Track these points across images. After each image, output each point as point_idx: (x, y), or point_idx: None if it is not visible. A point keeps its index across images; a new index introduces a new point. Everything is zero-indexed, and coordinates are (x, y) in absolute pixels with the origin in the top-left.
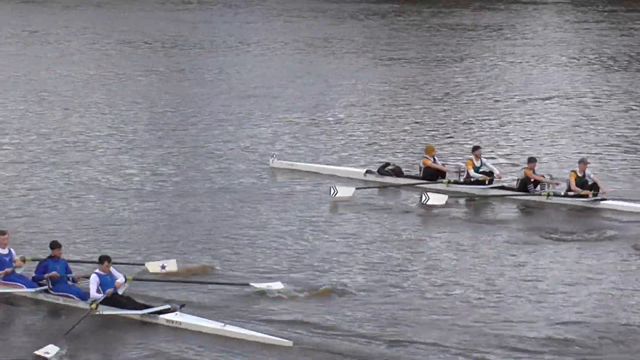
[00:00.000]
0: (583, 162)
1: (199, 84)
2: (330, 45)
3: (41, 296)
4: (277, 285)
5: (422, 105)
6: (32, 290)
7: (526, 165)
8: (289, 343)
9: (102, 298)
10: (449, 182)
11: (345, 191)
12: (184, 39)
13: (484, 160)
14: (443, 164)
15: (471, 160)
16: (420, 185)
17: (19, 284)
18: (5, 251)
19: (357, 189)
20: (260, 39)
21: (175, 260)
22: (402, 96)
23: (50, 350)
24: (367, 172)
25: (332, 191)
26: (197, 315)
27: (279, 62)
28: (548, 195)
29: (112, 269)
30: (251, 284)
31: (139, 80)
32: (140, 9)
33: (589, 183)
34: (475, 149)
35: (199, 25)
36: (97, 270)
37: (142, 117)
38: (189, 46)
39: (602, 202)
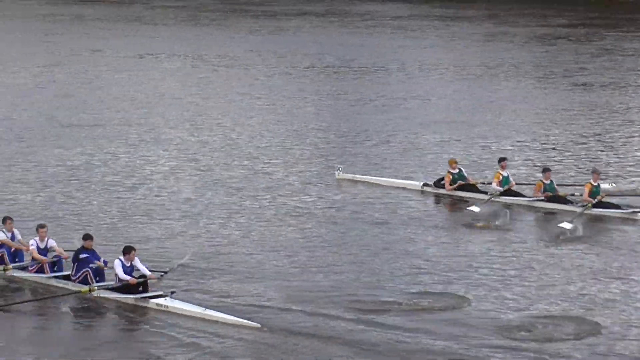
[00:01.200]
0: (596, 172)
1: (372, 109)
2: (502, 71)
3: (62, 283)
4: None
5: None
6: (53, 275)
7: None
8: (256, 325)
9: (118, 284)
10: (493, 195)
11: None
12: (354, 62)
13: (509, 172)
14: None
15: (499, 172)
16: (468, 197)
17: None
18: (43, 244)
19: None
20: (432, 63)
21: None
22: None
23: None
24: (424, 184)
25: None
26: (184, 301)
27: (454, 87)
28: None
29: (136, 259)
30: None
31: (308, 104)
32: (310, 32)
33: (601, 193)
34: (502, 160)
35: (367, 49)
36: (120, 257)
37: (311, 139)
38: (358, 70)
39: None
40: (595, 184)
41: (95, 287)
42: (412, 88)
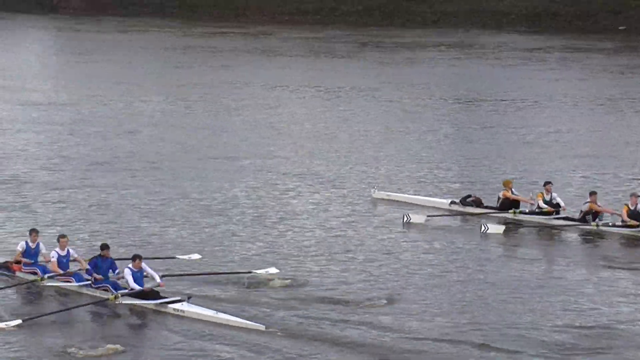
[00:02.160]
0: (634, 196)
1: (503, 140)
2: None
3: (84, 289)
4: (273, 270)
5: None
6: (78, 284)
7: (588, 199)
8: (261, 327)
9: (133, 292)
10: (515, 212)
11: (417, 218)
12: (485, 94)
13: (554, 195)
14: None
15: (542, 193)
16: (492, 215)
17: (71, 278)
18: (64, 252)
19: (428, 216)
20: (567, 95)
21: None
22: None
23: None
24: (451, 202)
25: (405, 218)
26: (200, 305)
27: (589, 119)
28: (597, 225)
29: (143, 265)
30: (252, 271)
31: (445, 134)
32: (442, 63)
33: None
34: (547, 183)
35: (501, 80)
36: (129, 266)
37: (452, 168)
38: (492, 101)
39: None
40: (633, 207)
41: (119, 295)
42: (547, 121)
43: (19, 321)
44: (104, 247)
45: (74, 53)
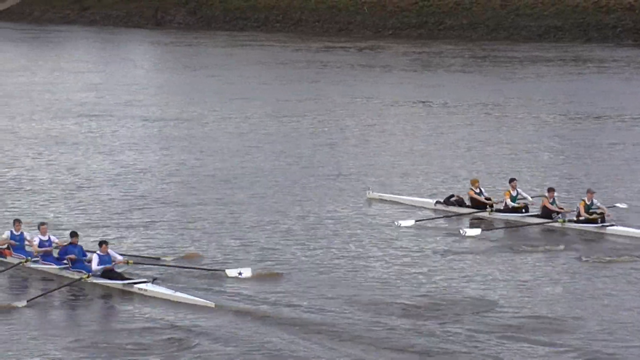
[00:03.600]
0: (590, 192)
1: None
2: None
3: (63, 272)
4: (247, 272)
5: None
6: (58, 267)
7: (545, 195)
8: (211, 304)
9: (100, 270)
10: (491, 210)
11: (406, 222)
12: (595, 108)
13: (519, 190)
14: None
15: (508, 191)
16: (471, 214)
17: (52, 264)
18: (46, 237)
19: (417, 221)
20: None
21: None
22: None
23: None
24: (436, 202)
25: (396, 223)
26: (163, 286)
27: None
28: (563, 221)
29: (110, 250)
30: (226, 270)
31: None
32: (549, 77)
33: (597, 211)
34: (511, 180)
35: (606, 94)
36: (97, 252)
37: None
38: (603, 116)
39: (609, 227)
40: (589, 202)
41: (91, 274)
42: None
43: (24, 302)
44: (73, 234)
45: (181, 68)
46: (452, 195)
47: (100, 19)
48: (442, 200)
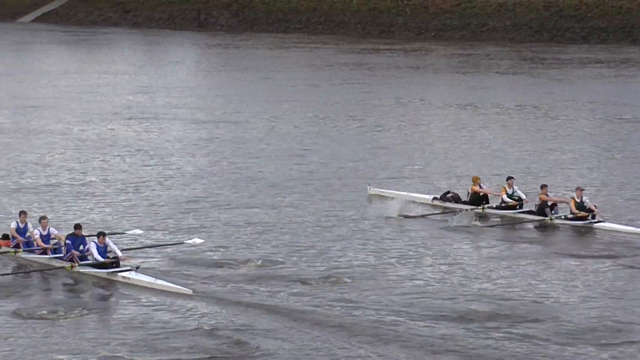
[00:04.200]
0: (579, 189)
1: None
2: None
3: (53, 261)
4: (198, 240)
5: None
6: (50, 256)
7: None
8: (188, 291)
9: (94, 262)
10: (484, 207)
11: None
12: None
13: (515, 188)
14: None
15: (504, 187)
16: (465, 209)
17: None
18: (45, 232)
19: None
20: None
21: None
22: None
23: None
24: (433, 198)
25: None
26: (145, 275)
27: None
28: (551, 219)
29: (107, 241)
30: (184, 241)
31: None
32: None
33: (586, 207)
34: (509, 178)
35: None
36: (95, 241)
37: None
38: None
39: (598, 224)
40: (579, 200)
41: (77, 265)
42: None
43: None
44: (77, 226)
45: (227, 70)
46: (449, 192)
47: (142, 21)
48: (438, 197)
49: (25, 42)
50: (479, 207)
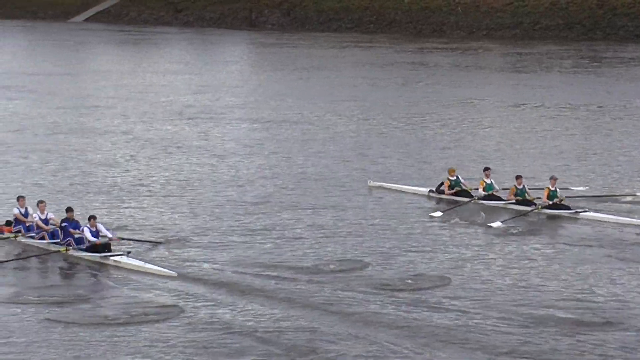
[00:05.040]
0: (553, 179)
1: None
2: None
3: (51, 246)
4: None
5: None
6: (49, 242)
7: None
8: (173, 274)
9: (91, 242)
10: (475, 199)
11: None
12: None
13: (492, 180)
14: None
15: (483, 180)
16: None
17: (48, 238)
18: (44, 215)
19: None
20: None
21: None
22: None
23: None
24: (429, 190)
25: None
26: (135, 259)
27: None
28: (539, 208)
29: (99, 225)
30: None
31: None
32: None
33: (558, 196)
34: (485, 169)
35: None
36: (87, 225)
37: None
38: None
39: (582, 213)
40: (553, 188)
41: (71, 248)
42: None
43: None
44: (69, 209)
45: (282, 69)
46: (442, 184)
47: (194, 20)
48: (434, 189)
49: (80, 42)
50: (472, 199)
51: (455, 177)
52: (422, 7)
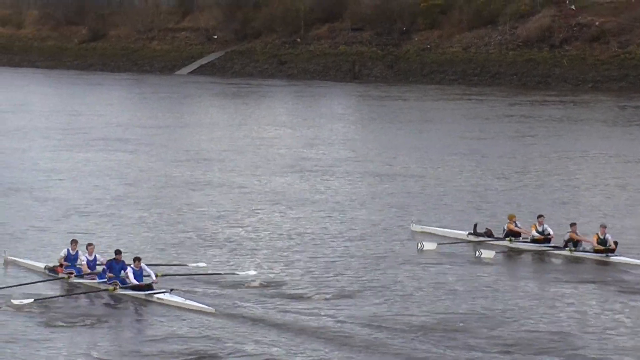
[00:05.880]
0: (603, 226)
1: None
2: None
3: (101, 285)
4: (252, 272)
5: None
6: (99, 281)
7: (569, 230)
8: (211, 310)
9: (132, 285)
10: (511, 240)
11: (429, 245)
12: None
13: (545, 226)
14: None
15: (535, 224)
16: (493, 243)
17: (95, 277)
18: (92, 257)
19: (439, 244)
20: None
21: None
22: None
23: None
24: (468, 233)
25: (419, 245)
26: (178, 296)
27: None
28: (571, 251)
29: (142, 265)
30: (236, 272)
31: None
32: None
33: (608, 244)
34: (539, 216)
35: None
36: (131, 266)
37: None
38: None
39: (616, 257)
40: (602, 236)
41: (118, 287)
42: None
43: (30, 300)
44: (117, 252)
45: (390, 122)
46: (476, 225)
47: (298, 73)
48: (472, 232)
49: (188, 94)
50: (506, 239)
51: (514, 224)
52: (527, 60)
